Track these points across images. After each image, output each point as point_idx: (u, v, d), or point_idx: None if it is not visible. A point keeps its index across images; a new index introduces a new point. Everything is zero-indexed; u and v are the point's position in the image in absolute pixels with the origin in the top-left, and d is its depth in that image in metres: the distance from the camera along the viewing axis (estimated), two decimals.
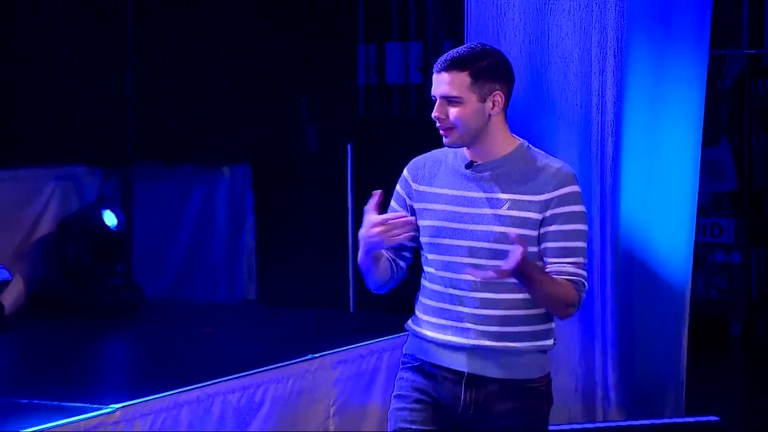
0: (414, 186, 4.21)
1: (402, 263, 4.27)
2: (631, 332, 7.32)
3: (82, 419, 5.26)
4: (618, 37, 7.17)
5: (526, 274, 3.91)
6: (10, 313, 7.52)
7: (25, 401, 5.57)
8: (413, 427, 4.14)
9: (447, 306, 4.12)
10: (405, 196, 4.23)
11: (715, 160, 9.93)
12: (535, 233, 4.03)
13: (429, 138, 4.29)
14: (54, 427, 5.16)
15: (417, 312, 4.24)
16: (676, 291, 7.34)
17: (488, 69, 4.06)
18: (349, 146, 8.30)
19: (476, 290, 4.06)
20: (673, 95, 7.32)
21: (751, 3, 10.75)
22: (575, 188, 4.07)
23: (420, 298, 4.25)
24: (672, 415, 7.26)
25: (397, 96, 9.49)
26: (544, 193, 4.04)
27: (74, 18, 8.53)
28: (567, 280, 4.03)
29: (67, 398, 5.55)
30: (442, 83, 4.06)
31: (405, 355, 4.25)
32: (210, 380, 5.71)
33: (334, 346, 6.61)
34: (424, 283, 4.22)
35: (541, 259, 4.06)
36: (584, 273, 4.08)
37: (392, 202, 4.27)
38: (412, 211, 4.20)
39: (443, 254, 4.12)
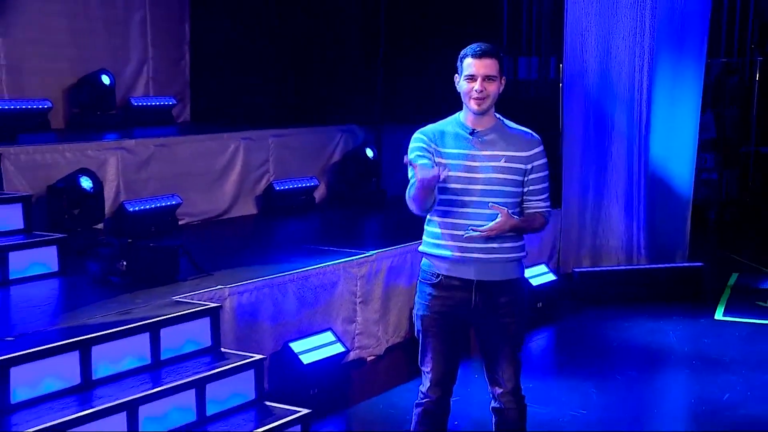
0: (433, 146, 3.33)
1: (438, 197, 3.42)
2: (653, 216, 7.05)
3: (355, 258, 5.21)
4: (651, 51, 6.85)
5: (512, 227, 3.27)
6: (317, 203, 7.44)
7: (325, 248, 5.48)
8: (435, 329, 3.37)
9: (461, 233, 3.29)
10: (431, 153, 3.32)
11: (704, 121, 9.49)
12: (520, 177, 3.31)
13: (539, 109, 3.73)
14: (339, 262, 5.10)
15: (431, 239, 3.38)
16: (684, 194, 7.07)
17: (503, 61, 3.33)
18: None
19: (484, 221, 3.28)
20: (682, 85, 6.96)
21: (728, 29, 10.07)
22: (542, 147, 3.39)
23: (435, 229, 3.36)
24: (679, 261, 7.06)
25: (524, 87, 9.15)
26: (526, 151, 3.32)
27: (351, 28, 8.23)
28: (538, 212, 3.36)
29: (347, 247, 5.45)
30: (483, 66, 3.26)
31: (423, 271, 3.40)
32: None
33: None
34: (436, 219, 3.35)
35: (522, 195, 3.36)
36: (549, 203, 3.40)
37: (417, 157, 3.30)
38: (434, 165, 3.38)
39: (461, 196, 3.29)
